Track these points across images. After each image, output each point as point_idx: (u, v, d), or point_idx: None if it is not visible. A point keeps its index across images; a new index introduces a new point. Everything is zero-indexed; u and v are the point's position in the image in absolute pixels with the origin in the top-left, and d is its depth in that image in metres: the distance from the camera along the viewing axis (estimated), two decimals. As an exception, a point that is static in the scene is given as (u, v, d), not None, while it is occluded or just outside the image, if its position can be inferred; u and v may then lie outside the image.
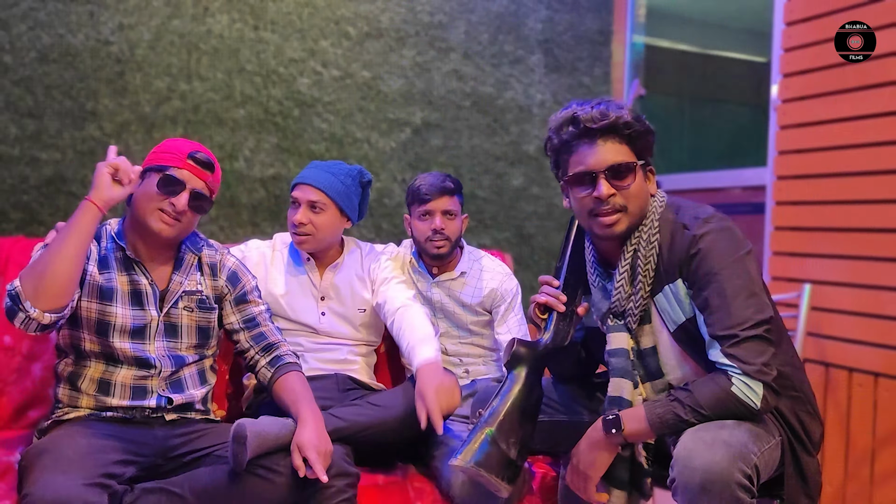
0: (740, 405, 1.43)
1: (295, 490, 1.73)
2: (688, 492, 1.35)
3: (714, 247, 1.50)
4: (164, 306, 1.84)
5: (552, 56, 3.32)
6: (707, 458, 1.35)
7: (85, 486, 1.51)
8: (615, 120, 1.55)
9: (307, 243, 2.13)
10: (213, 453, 1.76)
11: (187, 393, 1.86)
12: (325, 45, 2.90)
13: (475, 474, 1.59)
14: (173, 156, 1.80)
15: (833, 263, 2.34)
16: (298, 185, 2.13)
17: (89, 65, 2.56)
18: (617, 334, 1.62)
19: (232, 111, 2.76)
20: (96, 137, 2.58)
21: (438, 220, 2.23)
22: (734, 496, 1.33)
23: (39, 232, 2.51)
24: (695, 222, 1.54)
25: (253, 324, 1.95)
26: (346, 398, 2.05)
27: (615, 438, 1.54)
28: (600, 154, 1.55)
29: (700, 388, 1.46)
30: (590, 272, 1.71)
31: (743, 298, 1.47)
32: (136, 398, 1.80)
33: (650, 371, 1.62)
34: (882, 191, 2.21)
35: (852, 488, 2.25)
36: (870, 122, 2.24)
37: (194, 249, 1.90)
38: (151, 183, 1.78)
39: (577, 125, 1.57)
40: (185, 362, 1.86)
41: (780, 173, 2.54)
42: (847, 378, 2.29)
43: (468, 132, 3.16)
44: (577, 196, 1.60)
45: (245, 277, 1.97)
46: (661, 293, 1.58)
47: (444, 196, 2.24)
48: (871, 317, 2.22)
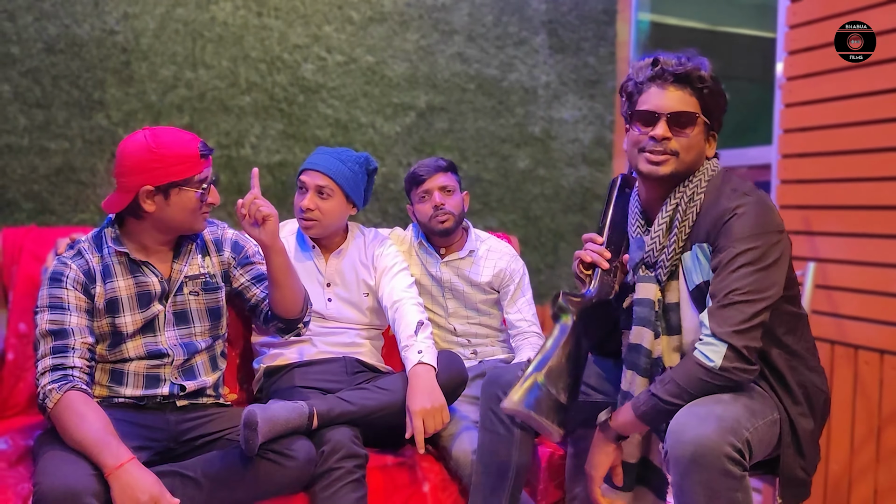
0: (699, 367, 1.46)
1: (305, 473, 1.77)
2: (679, 464, 1.38)
3: (741, 219, 1.53)
4: (168, 297, 1.86)
5: (556, 37, 3.30)
6: (698, 431, 1.37)
7: (95, 475, 1.53)
8: (691, 70, 1.60)
9: (314, 228, 2.15)
10: (226, 437, 1.80)
11: (200, 380, 1.89)
12: (328, 30, 2.90)
13: (527, 417, 1.61)
14: (189, 163, 1.76)
15: (839, 241, 2.34)
16: (306, 170, 2.15)
17: (95, 54, 2.58)
18: (646, 285, 1.65)
19: (237, 98, 2.77)
20: (104, 126, 2.60)
21: (437, 195, 2.25)
22: (723, 468, 1.35)
23: (51, 221, 2.54)
24: (733, 194, 1.58)
25: (262, 277, 1.96)
26: (354, 381, 2.08)
27: (609, 433, 1.59)
28: (668, 99, 1.60)
29: (676, 370, 1.50)
30: (630, 221, 1.74)
31: (748, 269, 1.49)
32: (148, 387, 1.83)
33: (671, 326, 1.65)
34: (888, 168, 2.20)
35: (858, 465, 2.27)
36: (875, 98, 2.23)
37: (191, 236, 1.91)
38: (187, 199, 1.77)
39: (655, 66, 1.62)
40: (198, 349, 1.89)
41: (785, 151, 2.54)
42: (853, 356, 2.29)
43: (473, 115, 3.16)
44: (635, 133, 1.64)
45: (247, 244, 2.00)
46: (689, 251, 1.61)
47: (437, 173, 2.27)
48: (877, 294, 2.23)
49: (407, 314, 2.07)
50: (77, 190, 2.57)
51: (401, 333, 2.04)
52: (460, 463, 1.96)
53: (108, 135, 2.60)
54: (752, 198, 1.56)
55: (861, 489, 2.25)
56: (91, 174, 2.58)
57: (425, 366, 1.94)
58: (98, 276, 1.79)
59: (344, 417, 1.87)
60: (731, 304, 1.47)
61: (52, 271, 1.78)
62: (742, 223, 1.52)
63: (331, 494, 1.76)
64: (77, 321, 1.73)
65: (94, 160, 2.59)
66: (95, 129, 2.58)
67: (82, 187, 2.58)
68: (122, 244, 1.82)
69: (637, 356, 1.63)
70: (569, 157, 3.30)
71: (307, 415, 1.81)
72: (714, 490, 1.35)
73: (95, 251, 1.82)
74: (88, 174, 2.58)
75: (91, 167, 2.59)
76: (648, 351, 1.62)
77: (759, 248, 1.50)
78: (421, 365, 1.94)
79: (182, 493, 1.66)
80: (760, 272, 1.50)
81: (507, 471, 1.81)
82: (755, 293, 1.48)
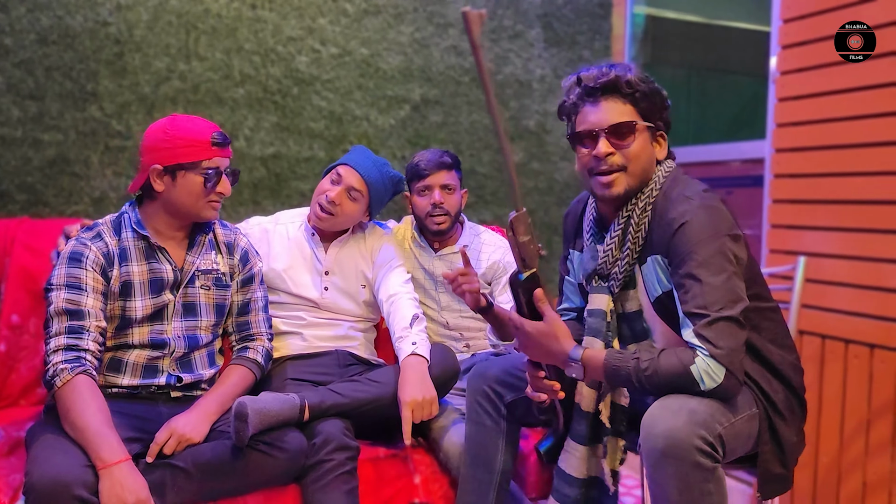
0: (691, 384, 1.42)
1: (296, 464, 1.77)
2: (651, 457, 1.38)
3: (692, 226, 1.49)
4: (179, 287, 1.88)
5: (552, 30, 3.30)
6: (670, 424, 1.37)
7: (86, 466, 1.54)
8: (615, 78, 1.57)
9: (328, 221, 2.15)
10: (217, 429, 1.80)
11: (196, 373, 1.91)
12: (322, 22, 2.89)
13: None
14: (198, 148, 1.80)
15: (830, 236, 2.35)
16: (347, 165, 2.14)
17: (88, 46, 2.57)
18: (598, 296, 1.65)
19: (231, 90, 2.77)
20: (97, 118, 2.59)
21: (437, 193, 2.25)
22: (694, 461, 1.35)
23: (44, 213, 2.54)
24: (679, 199, 1.54)
25: (245, 309, 2.01)
26: (346, 374, 2.09)
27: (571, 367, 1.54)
28: (603, 113, 1.58)
29: (664, 358, 1.45)
30: (585, 230, 1.73)
31: (716, 278, 1.45)
32: (146, 377, 1.84)
33: (636, 333, 1.65)
34: (878, 163, 2.21)
35: (847, 458, 2.28)
36: (867, 93, 2.24)
37: (206, 228, 1.94)
38: (192, 182, 1.81)
39: (580, 85, 1.60)
40: (199, 344, 1.91)
41: (779, 146, 2.54)
42: (843, 349, 2.30)
43: (467, 108, 3.16)
44: (580, 155, 1.63)
45: (254, 260, 2.03)
46: (647, 262, 1.59)
47: (441, 171, 2.26)
48: (867, 288, 2.23)
49: (402, 307, 2.08)
50: (70, 182, 2.57)
51: (395, 326, 2.04)
52: (450, 455, 1.97)
53: (101, 126, 2.60)
54: (696, 201, 1.52)
55: (851, 482, 2.27)
56: (84, 166, 2.58)
57: (418, 357, 1.95)
58: (116, 259, 1.82)
59: (335, 409, 1.88)
60: (719, 321, 1.43)
61: (71, 251, 1.79)
62: (695, 230, 1.48)
63: (322, 486, 1.77)
64: (93, 303, 1.75)
65: (88, 152, 2.59)
66: (89, 121, 2.58)
67: (76, 179, 2.58)
68: (143, 227, 1.85)
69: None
70: (563, 151, 3.30)
71: (298, 407, 1.82)
72: (685, 482, 1.35)
73: (114, 234, 1.85)
74: (82, 166, 2.58)
75: (85, 159, 2.58)
76: None
77: (719, 252, 1.47)
78: (414, 356, 1.95)
79: (173, 484, 1.68)
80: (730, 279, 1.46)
81: (495, 463, 1.82)
82: (733, 303, 1.45)
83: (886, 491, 2.16)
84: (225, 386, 1.87)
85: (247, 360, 1.95)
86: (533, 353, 1.56)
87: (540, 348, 1.54)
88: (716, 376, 1.41)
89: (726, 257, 1.48)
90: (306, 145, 2.88)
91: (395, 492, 1.96)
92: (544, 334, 1.52)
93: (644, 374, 1.45)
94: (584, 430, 1.65)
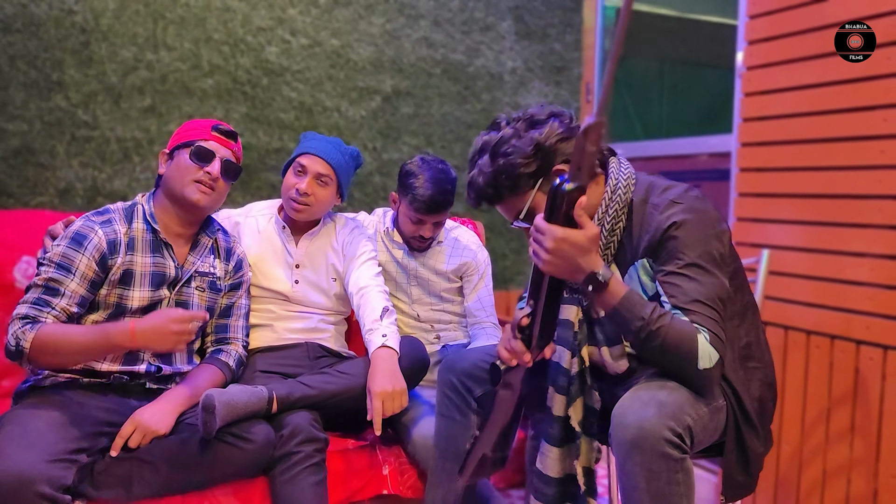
0: (690, 356, 1.42)
1: (264, 456, 1.78)
2: (621, 448, 1.41)
3: (682, 229, 1.50)
4: (177, 285, 1.89)
5: (523, 23, 3.31)
6: (639, 415, 1.39)
7: (49, 462, 1.51)
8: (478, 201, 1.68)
9: (304, 213, 2.14)
10: (184, 421, 1.80)
11: (175, 366, 1.92)
12: (293, 13, 2.88)
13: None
14: (198, 130, 1.90)
15: (793, 229, 2.39)
16: (308, 154, 2.13)
17: (53, 34, 2.53)
18: (567, 307, 1.66)
19: (200, 81, 2.74)
20: (63, 108, 2.56)
21: (428, 230, 2.25)
22: (662, 451, 1.37)
23: (8, 204, 2.50)
24: (665, 204, 1.55)
25: (227, 313, 2.03)
26: (316, 366, 2.09)
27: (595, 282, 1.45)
28: (503, 212, 1.69)
29: (678, 320, 1.45)
30: None
31: (706, 278, 1.48)
32: (126, 363, 1.84)
33: (608, 336, 1.67)
34: (841, 157, 2.25)
35: (809, 447, 2.33)
36: (830, 89, 2.27)
37: (209, 233, 1.98)
38: (184, 157, 1.86)
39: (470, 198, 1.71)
40: None
41: (744, 140, 2.58)
42: (805, 340, 2.35)
43: (439, 100, 3.16)
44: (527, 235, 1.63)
45: (246, 269, 2.08)
46: (628, 272, 1.60)
47: (442, 214, 2.25)
48: (828, 281, 2.28)
49: (372, 300, 2.08)
50: (35, 172, 2.54)
51: (365, 318, 2.05)
52: (419, 447, 1.98)
53: (67, 116, 2.56)
54: (684, 204, 1.53)
55: (811, 470, 2.32)
56: (50, 156, 2.55)
57: (388, 349, 1.95)
58: (122, 248, 1.82)
59: (304, 401, 1.88)
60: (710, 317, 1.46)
61: (76, 231, 1.79)
62: (688, 231, 1.50)
63: (290, 478, 1.77)
64: (75, 288, 1.75)
65: (53, 142, 2.55)
66: (54, 111, 2.55)
67: (41, 170, 2.54)
68: (156, 221, 1.88)
69: (556, 374, 1.66)
70: (534, 143, 3.31)
71: (266, 398, 1.82)
72: (653, 472, 1.38)
73: (125, 221, 1.86)
74: (47, 156, 2.55)
75: (50, 149, 2.55)
76: (566, 370, 1.64)
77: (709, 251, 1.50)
78: (384, 348, 1.95)
79: (139, 477, 1.67)
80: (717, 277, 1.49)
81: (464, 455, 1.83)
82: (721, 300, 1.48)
83: (845, 478, 2.21)
84: (194, 381, 1.86)
85: (219, 361, 1.95)
86: (560, 265, 1.42)
87: (569, 261, 1.41)
88: (712, 358, 1.44)
89: (714, 260, 1.50)
90: (276, 136, 2.87)
91: (364, 483, 1.97)
92: (580, 245, 1.40)
93: (655, 324, 1.43)
94: (557, 432, 1.67)
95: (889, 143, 2.12)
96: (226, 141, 1.92)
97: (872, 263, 2.15)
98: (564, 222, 1.40)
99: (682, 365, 1.44)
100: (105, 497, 1.65)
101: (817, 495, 2.30)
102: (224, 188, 1.91)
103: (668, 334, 1.43)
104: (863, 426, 2.18)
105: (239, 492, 1.79)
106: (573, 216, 1.39)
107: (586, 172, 1.33)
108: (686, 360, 1.43)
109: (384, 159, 3.07)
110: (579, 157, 1.31)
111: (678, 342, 1.43)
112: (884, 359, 2.12)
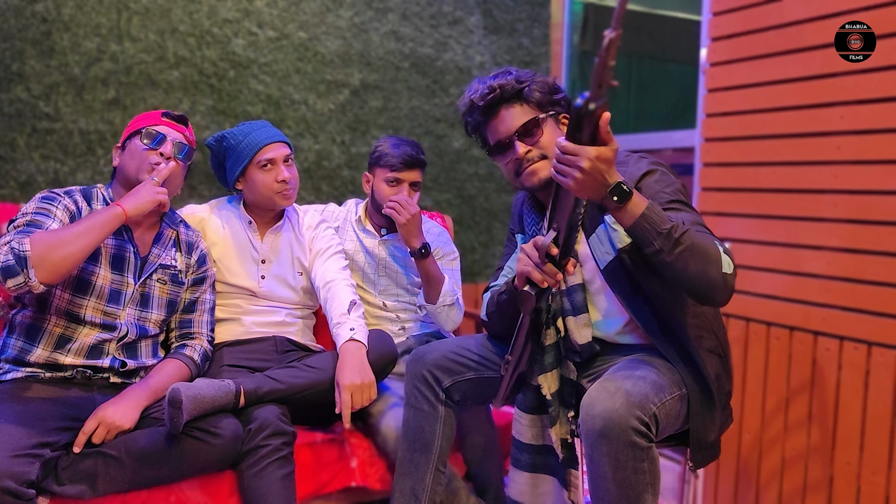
0: (717, 261, 1.44)
1: (231, 450, 1.77)
2: (589, 437, 1.44)
3: (657, 175, 1.62)
4: (141, 276, 1.88)
5: (491, 17, 3.32)
6: (607, 405, 1.43)
7: (13, 457, 1.50)
8: (500, 90, 1.70)
9: (292, 198, 2.17)
10: (150, 415, 1.79)
11: (140, 360, 1.90)
12: (259, 5, 2.86)
13: None
14: (148, 118, 1.92)
15: (754, 222, 2.44)
16: (272, 144, 2.13)
17: (14, 24, 2.49)
18: None
19: (165, 73, 2.71)
20: (24, 99, 2.51)
21: (406, 191, 2.26)
22: (629, 440, 1.41)
23: (-32, 197, 2.46)
24: (633, 160, 1.66)
25: (191, 308, 2.03)
26: (284, 360, 2.09)
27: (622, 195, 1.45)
28: (506, 121, 1.72)
29: (698, 233, 1.48)
30: (527, 224, 1.80)
31: (689, 210, 1.59)
32: (90, 357, 1.82)
33: (575, 305, 1.71)
34: (801, 153, 2.30)
35: (768, 435, 2.39)
36: (792, 85, 2.32)
37: (172, 225, 1.98)
38: (136, 143, 1.88)
39: (477, 108, 1.73)
40: (147, 334, 1.91)
41: (708, 135, 2.62)
42: (766, 332, 2.41)
43: (407, 94, 3.16)
44: (503, 163, 1.75)
45: (210, 264, 2.08)
46: (594, 234, 1.65)
47: (416, 169, 2.27)
48: (787, 273, 2.34)
49: (340, 293, 2.08)
50: (-4, 165, 2.49)
51: (333, 312, 2.05)
52: (387, 439, 2.00)
53: (27, 108, 2.52)
54: (650, 160, 1.66)
55: (771, 458, 2.38)
56: (10, 149, 2.50)
57: (356, 342, 1.96)
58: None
59: (272, 395, 1.88)
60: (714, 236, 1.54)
61: (43, 195, 1.81)
62: (660, 180, 1.61)
63: (258, 472, 1.77)
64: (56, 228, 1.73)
65: (14, 134, 2.51)
66: (14, 102, 2.50)
67: (1, 162, 2.50)
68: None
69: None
70: (502, 138, 3.34)
71: (234, 392, 1.82)
72: (620, 460, 1.41)
73: (84, 200, 1.88)
74: (7, 149, 2.50)
75: (10, 142, 2.50)
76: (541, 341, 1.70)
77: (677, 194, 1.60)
78: (352, 342, 1.96)
79: (105, 472, 1.66)
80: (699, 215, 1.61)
81: (432, 447, 1.85)
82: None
83: (803, 465, 2.27)
84: (158, 375, 1.86)
85: (184, 355, 1.95)
86: (590, 184, 1.41)
87: (599, 178, 1.41)
88: (731, 265, 1.48)
89: (689, 202, 1.61)
90: (243, 129, 2.84)
91: (333, 475, 1.97)
92: (607, 160, 1.40)
93: (681, 232, 1.44)
94: (530, 400, 1.73)
95: (845, 139, 2.17)
96: (176, 125, 1.93)
97: (829, 256, 2.21)
98: (590, 141, 1.40)
99: (707, 268, 1.45)
100: (69, 493, 1.64)
101: (776, 482, 2.36)
102: (179, 171, 1.91)
103: (695, 236, 1.45)
104: (819, 415, 2.24)
105: (206, 486, 1.79)
106: (600, 133, 1.39)
107: (606, 86, 1.32)
108: (712, 262, 1.45)
109: (353, 153, 3.07)
110: (601, 74, 1.29)
111: (704, 244, 1.45)
112: (840, 350, 2.18)
